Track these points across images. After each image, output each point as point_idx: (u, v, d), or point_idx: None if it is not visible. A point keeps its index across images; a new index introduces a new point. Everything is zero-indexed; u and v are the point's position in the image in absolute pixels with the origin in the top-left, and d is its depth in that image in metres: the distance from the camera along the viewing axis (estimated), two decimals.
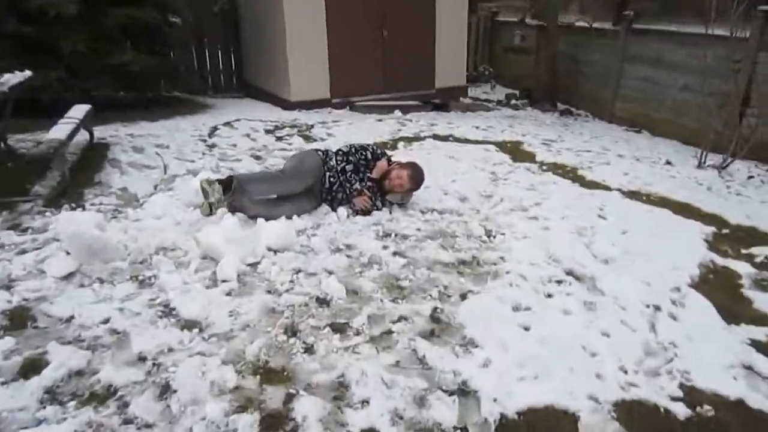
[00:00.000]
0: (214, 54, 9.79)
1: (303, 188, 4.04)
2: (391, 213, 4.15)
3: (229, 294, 3.00)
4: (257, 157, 5.55)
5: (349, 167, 4.17)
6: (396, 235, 3.82)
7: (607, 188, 4.96)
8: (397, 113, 8.06)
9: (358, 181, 4.13)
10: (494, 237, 3.85)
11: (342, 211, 4.10)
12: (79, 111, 5.31)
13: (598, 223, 4.11)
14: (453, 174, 5.09)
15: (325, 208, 4.17)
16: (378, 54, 8.46)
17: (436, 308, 2.94)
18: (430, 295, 3.07)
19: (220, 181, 3.99)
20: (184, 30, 8.98)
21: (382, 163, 4.19)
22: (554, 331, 2.75)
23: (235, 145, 5.92)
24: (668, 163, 5.96)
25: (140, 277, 3.15)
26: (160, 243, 3.50)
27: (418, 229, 3.92)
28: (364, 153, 4.25)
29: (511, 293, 3.10)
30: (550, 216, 4.20)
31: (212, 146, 5.85)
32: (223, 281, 3.12)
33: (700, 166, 5.81)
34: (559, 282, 3.26)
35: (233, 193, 3.93)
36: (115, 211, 4.07)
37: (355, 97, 8.43)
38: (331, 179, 4.12)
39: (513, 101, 9.79)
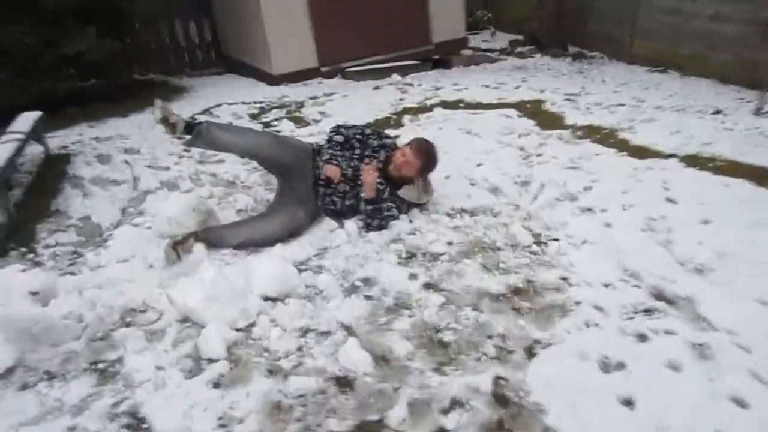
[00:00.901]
0: (187, 27, 8.65)
1: (284, 160, 3.34)
2: (411, 220, 3.28)
3: (217, 385, 2.17)
4: None
5: (338, 138, 3.35)
6: (423, 254, 2.97)
7: (661, 155, 4.06)
8: (395, 77, 7.05)
9: (348, 159, 3.28)
10: (546, 245, 3.00)
11: (350, 225, 3.23)
12: (24, 122, 4.36)
13: (670, 210, 3.24)
14: (475, 154, 4.19)
15: (328, 223, 3.30)
16: (367, 9, 7.35)
17: (497, 378, 2.12)
18: (485, 354, 2.25)
19: (186, 123, 3.37)
20: (147, 3, 7.86)
21: (368, 175, 3.12)
22: (668, 407, 1.94)
23: None
24: (718, 112, 5.02)
25: (101, 365, 2.33)
26: (127, 304, 2.66)
27: (450, 243, 3.06)
28: (360, 129, 3.44)
29: (592, 340, 2.27)
30: (607, 205, 3.33)
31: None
32: (209, 361, 2.29)
33: (758, 113, 4.87)
34: (648, 312, 2.43)
35: (195, 137, 3.31)
36: (74, 255, 3.20)
37: (346, 63, 7.40)
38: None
39: (518, 48, 8.72)
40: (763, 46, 5.97)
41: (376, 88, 6.63)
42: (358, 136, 3.37)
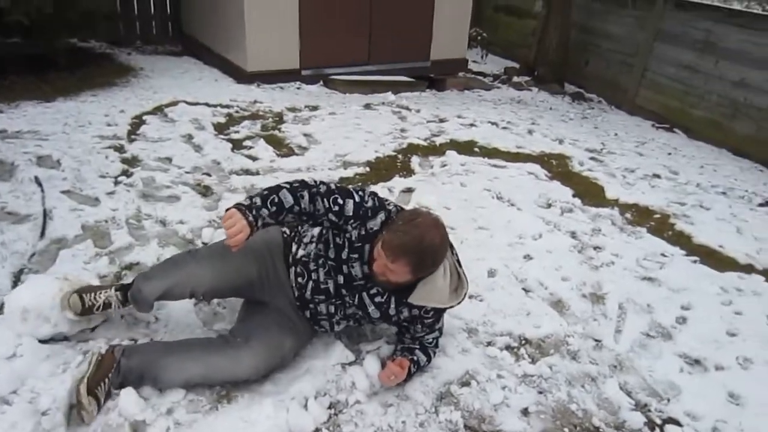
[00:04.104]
0: None
1: (241, 281, 1.98)
2: (432, 354, 2.10)
3: None
4: (205, 189, 3.33)
5: (319, 248, 1.92)
6: None
7: (737, 265, 3.17)
8: (389, 95, 5.87)
9: (324, 265, 1.91)
10: (662, 429, 1.98)
11: (373, 363, 2.06)
12: None
13: None
14: (520, 239, 3.12)
15: (338, 349, 2.12)
16: (362, 13, 6.10)
17: None
18: None
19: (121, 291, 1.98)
20: None
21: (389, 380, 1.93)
22: None
23: (169, 160, 3.63)
24: (766, 203, 4.22)
25: None
26: None
27: (526, 412, 1.97)
28: (329, 200, 1.80)
29: None
30: (720, 358, 2.35)
31: (132, 162, 3.53)
32: None
33: None
34: None
35: (135, 303, 1.96)
36: None
37: (331, 69, 6.12)
38: (300, 279, 1.97)
39: (514, 78, 7.74)
40: None
41: (368, 107, 5.42)
42: (330, 216, 1.81)
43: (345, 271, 1.88)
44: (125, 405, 1.74)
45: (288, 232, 2.07)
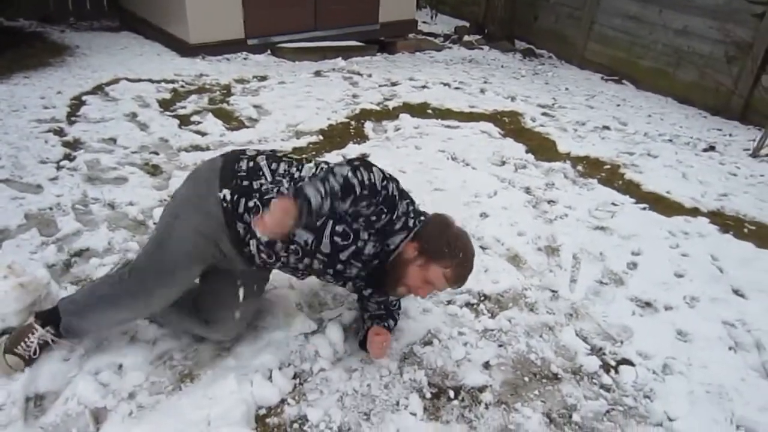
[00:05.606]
0: None
1: (207, 266, 1.80)
2: (398, 316, 2.13)
3: None
4: (154, 168, 3.23)
5: (305, 234, 1.72)
6: (456, 391, 1.91)
7: (684, 209, 3.30)
8: (339, 61, 5.76)
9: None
10: (617, 371, 2.07)
11: (335, 332, 2.07)
12: None
13: (742, 307, 2.44)
14: (475, 198, 3.15)
15: (300, 319, 2.12)
16: None
17: None
18: None
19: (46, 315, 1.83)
20: None
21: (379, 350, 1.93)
22: None
23: (113, 141, 3.49)
24: (711, 148, 4.36)
25: None
26: None
27: (487, 365, 2.03)
28: (380, 214, 1.69)
29: None
30: (668, 298, 2.46)
31: (74, 146, 3.37)
32: None
33: (755, 154, 4.27)
34: None
35: (67, 333, 1.83)
36: None
37: (278, 37, 5.95)
38: (263, 255, 1.77)
39: (465, 37, 7.69)
40: (728, 69, 5.49)
41: (318, 74, 5.32)
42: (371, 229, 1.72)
43: (339, 268, 1.80)
44: (84, 392, 1.71)
45: (227, 196, 1.72)
